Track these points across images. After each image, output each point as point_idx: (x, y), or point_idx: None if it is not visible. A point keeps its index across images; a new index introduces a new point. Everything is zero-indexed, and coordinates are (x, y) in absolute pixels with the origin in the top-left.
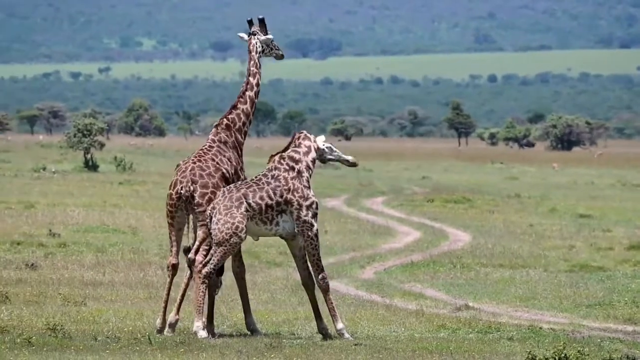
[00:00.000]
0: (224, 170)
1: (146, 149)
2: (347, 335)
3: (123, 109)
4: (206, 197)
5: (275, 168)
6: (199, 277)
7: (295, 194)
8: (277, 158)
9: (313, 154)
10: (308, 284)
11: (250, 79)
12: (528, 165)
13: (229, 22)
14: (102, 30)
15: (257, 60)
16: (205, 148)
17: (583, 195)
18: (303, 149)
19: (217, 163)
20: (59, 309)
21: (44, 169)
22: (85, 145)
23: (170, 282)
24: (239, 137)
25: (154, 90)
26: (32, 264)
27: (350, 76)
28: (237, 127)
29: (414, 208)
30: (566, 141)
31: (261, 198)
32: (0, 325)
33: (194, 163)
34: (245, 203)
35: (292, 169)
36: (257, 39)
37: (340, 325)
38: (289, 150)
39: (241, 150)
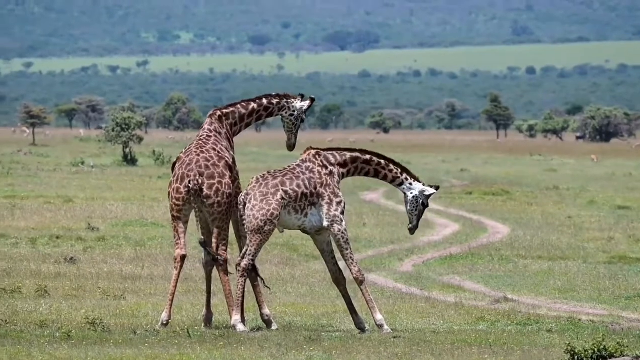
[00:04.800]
0: (226, 159)
1: (185, 142)
2: (386, 326)
3: (161, 103)
4: (214, 188)
5: (310, 161)
6: (239, 272)
7: (327, 189)
8: (312, 152)
9: (344, 171)
10: (339, 280)
11: (265, 101)
12: (567, 157)
13: (267, 15)
14: (140, 24)
15: (276, 104)
16: (204, 138)
17: (621, 186)
18: (339, 159)
19: (219, 152)
20: (98, 303)
21: (83, 163)
22: (123, 139)
23: (178, 274)
24: (230, 131)
25: (192, 84)
26: (71, 258)
27: (388, 69)
28: (229, 122)
29: (453, 201)
30: (604, 133)
31: (298, 186)
32: (39, 319)
33: (198, 155)
34: (281, 190)
35: (326, 167)
36: (295, 105)
37: (379, 317)
38: (328, 152)
39: (233, 146)
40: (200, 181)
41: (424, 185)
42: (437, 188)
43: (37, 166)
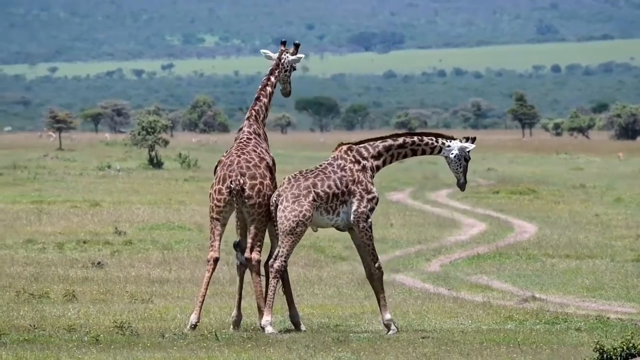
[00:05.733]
0: (267, 160)
1: (211, 145)
2: (393, 327)
3: (186, 106)
4: (256, 189)
5: (341, 158)
6: (271, 273)
7: (359, 186)
8: (344, 148)
9: (379, 163)
10: (373, 275)
11: (272, 78)
12: (593, 155)
13: (291, 17)
14: (164, 28)
15: (278, 73)
16: (244, 140)
17: None
18: (372, 152)
19: (259, 153)
20: (126, 307)
21: (109, 167)
22: (149, 142)
23: (210, 277)
24: (264, 129)
25: (217, 87)
26: (99, 262)
27: (413, 69)
28: (261, 118)
29: (479, 200)
30: (631, 130)
31: (329, 187)
32: (68, 324)
33: (239, 156)
34: (313, 192)
35: (358, 162)
36: (287, 56)
37: (388, 316)
38: (360, 146)
39: (268, 144)
40: (242, 181)
41: (461, 141)
42: (473, 140)
43: (63, 171)
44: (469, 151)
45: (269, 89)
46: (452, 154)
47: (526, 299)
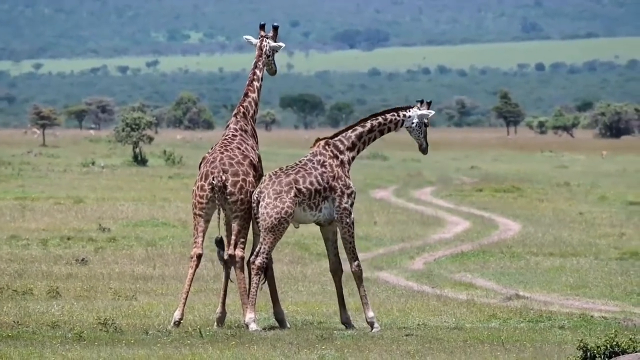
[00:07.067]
0: (251, 158)
1: (195, 142)
2: (377, 324)
3: (171, 103)
4: (238, 185)
5: (320, 154)
6: (253, 270)
7: (339, 181)
8: (322, 143)
9: (354, 153)
10: (337, 271)
11: (257, 71)
12: (577, 153)
13: (276, 14)
14: (149, 24)
15: (262, 64)
16: (229, 137)
17: (632, 182)
18: (347, 144)
19: (243, 151)
20: (110, 304)
21: (93, 163)
22: (133, 139)
23: (193, 274)
24: (253, 125)
25: (201, 84)
26: (83, 259)
27: (398, 67)
28: (250, 114)
29: (463, 198)
30: (615, 129)
31: (311, 183)
32: (51, 320)
33: (222, 153)
34: (295, 188)
35: (337, 157)
36: (268, 42)
37: (371, 314)
38: (335, 139)
39: (257, 140)
40: (224, 178)
41: (418, 109)
42: (429, 104)
43: (47, 167)
44: (428, 117)
45: (256, 83)
46: (413, 123)
47: (510, 297)
